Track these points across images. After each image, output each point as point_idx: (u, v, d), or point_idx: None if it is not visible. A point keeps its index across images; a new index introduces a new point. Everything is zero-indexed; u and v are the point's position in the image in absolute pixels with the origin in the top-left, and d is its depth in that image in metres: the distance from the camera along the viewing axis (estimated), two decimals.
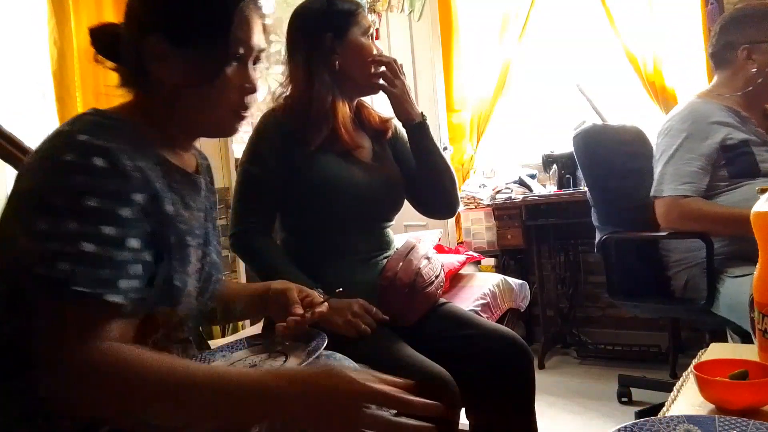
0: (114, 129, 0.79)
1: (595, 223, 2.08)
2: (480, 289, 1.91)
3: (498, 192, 3.20)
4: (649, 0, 2.95)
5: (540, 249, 3.26)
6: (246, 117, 0.92)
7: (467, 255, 2.20)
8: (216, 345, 1.09)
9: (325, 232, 1.38)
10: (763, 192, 0.94)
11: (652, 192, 1.80)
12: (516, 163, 3.49)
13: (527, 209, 3.07)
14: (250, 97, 0.90)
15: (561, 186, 3.10)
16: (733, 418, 0.72)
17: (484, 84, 3.48)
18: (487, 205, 3.20)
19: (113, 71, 0.88)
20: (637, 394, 2.44)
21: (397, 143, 1.52)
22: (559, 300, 3.35)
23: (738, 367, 0.85)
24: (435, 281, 1.39)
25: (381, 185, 1.41)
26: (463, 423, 1.28)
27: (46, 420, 0.77)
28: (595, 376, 2.84)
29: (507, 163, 3.51)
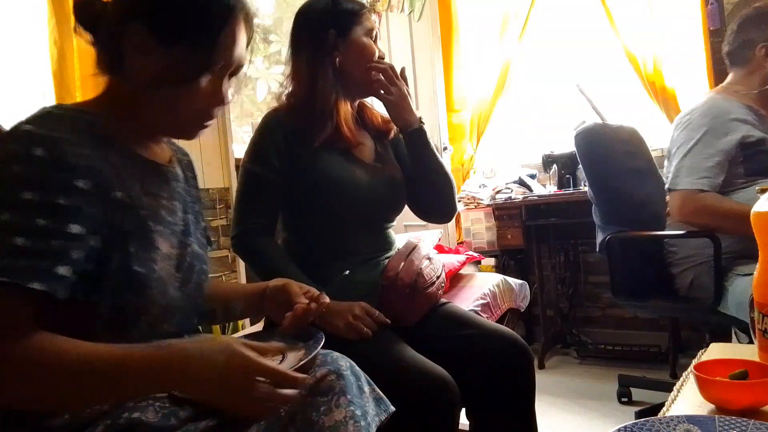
0: (66, 119, 0.80)
1: (597, 223, 2.07)
2: (480, 289, 1.91)
3: (498, 192, 3.21)
4: (649, 0, 2.95)
5: (540, 249, 3.26)
6: (208, 126, 0.92)
7: (467, 255, 2.20)
8: None
9: (327, 231, 1.37)
10: (763, 192, 0.94)
11: (667, 184, 1.79)
12: (516, 163, 3.49)
13: (527, 209, 3.08)
14: (217, 109, 0.90)
15: (561, 186, 3.10)
16: (733, 418, 0.72)
17: (484, 84, 3.48)
18: (487, 205, 3.21)
19: (91, 45, 0.87)
20: (637, 394, 2.44)
21: (399, 144, 1.52)
22: (559, 300, 3.36)
23: (738, 367, 0.85)
24: (436, 282, 1.39)
25: (383, 186, 1.41)
26: (463, 423, 1.28)
27: (36, 420, 0.78)
28: (595, 376, 2.84)
29: (507, 163, 3.51)
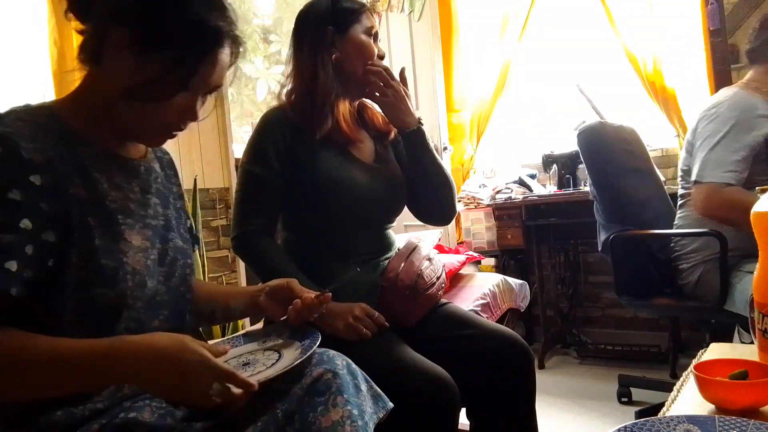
0: (26, 117, 0.80)
1: (600, 221, 2.07)
2: (480, 289, 1.91)
3: (498, 192, 3.21)
4: (649, 0, 2.95)
5: (540, 249, 3.26)
6: (174, 137, 0.92)
7: (467, 255, 2.20)
8: (216, 342, 1.09)
9: (327, 232, 1.37)
10: (764, 192, 0.94)
11: (693, 177, 1.78)
12: (516, 163, 3.49)
13: (527, 209, 3.08)
14: (187, 123, 0.90)
15: (561, 186, 3.10)
16: (733, 418, 0.72)
17: (484, 84, 3.48)
18: (487, 205, 3.21)
19: (79, 33, 0.87)
20: (637, 394, 2.44)
21: (399, 145, 1.51)
22: (559, 300, 3.36)
23: (738, 367, 0.85)
24: (436, 282, 1.39)
25: (382, 187, 1.41)
26: (464, 423, 1.28)
27: (29, 419, 0.78)
28: (595, 376, 2.84)
29: (507, 163, 3.52)
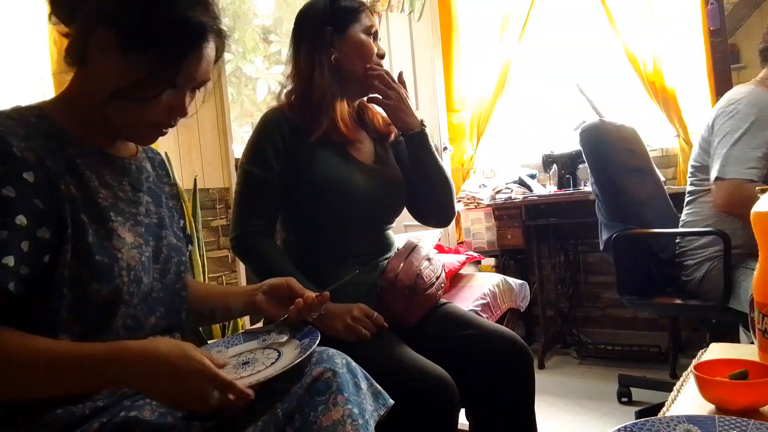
0: (16, 117, 0.81)
1: (602, 220, 2.07)
2: (480, 289, 1.91)
3: (498, 192, 3.21)
4: (649, 0, 2.95)
5: (540, 249, 3.26)
6: (166, 134, 0.92)
7: (467, 255, 2.20)
8: (214, 342, 1.09)
9: (326, 232, 1.37)
10: (764, 192, 0.94)
11: (715, 173, 1.77)
12: (516, 163, 3.49)
13: (527, 209, 3.08)
14: (176, 119, 0.90)
15: (561, 186, 3.10)
16: (733, 418, 0.72)
17: (484, 84, 3.48)
18: (487, 205, 3.21)
19: (64, 37, 0.87)
20: (637, 394, 2.44)
21: (399, 146, 1.51)
22: (559, 300, 3.35)
23: (738, 367, 0.85)
24: (436, 282, 1.39)
25: (382, 188, 1.40)
26: (463, 423, 1.28)
27: (29, 418, 0.78)
28: (595, 376, 2.84)
29: (507, 163, 3.52)
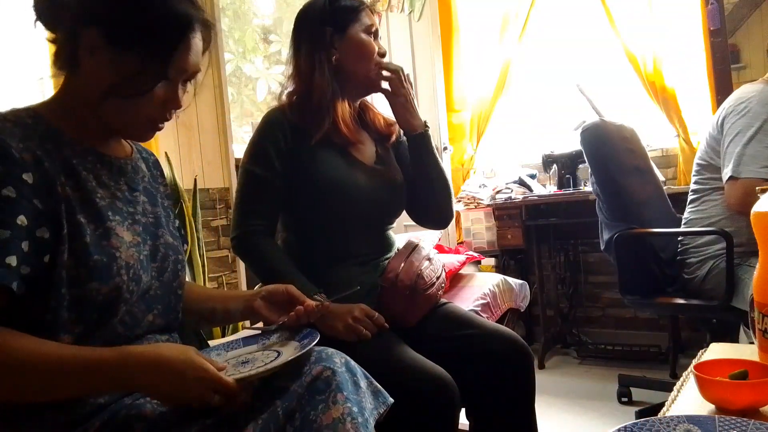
0: (12, 118, 0.82)
1: (603, 220, 2.06)
2: (480, 289, 1.91)
3: (498, 192, 3.21)
4: (649, 0, 2.95)
5: (540, 249, 3.26)
6: (162, 128, 0.93)
7: (467, 255, 2.20)
8: (214, 344, 1.09)
9: (326, 233, 1.37)
10: (764, 192, 0.94)
11: (729, 172, 1.76)
12: (516, 163, 3.49)
13: (527, 209, 3.08)
14: (172, 112, 0.91)
15: (561, 186, 3.10)
16: (733, 418, 0.72)
17: (484, 84, 3.48)
18: (487, 205, 3.21)
19: (51, 42, 0.88)
20: (637, 394, 2.44)
21: (400, 147, 1.51)
22: (559, 300, 3.36)
23: (738, 367, 0.86)
24: (436, 282, 1.39)
25: (382, 188, 1.40)
26: (463, 423, 1.28)
27: (28, 418, 0.78)
28: (595, 376, 2.84)
29: (507, 163, 3.52)
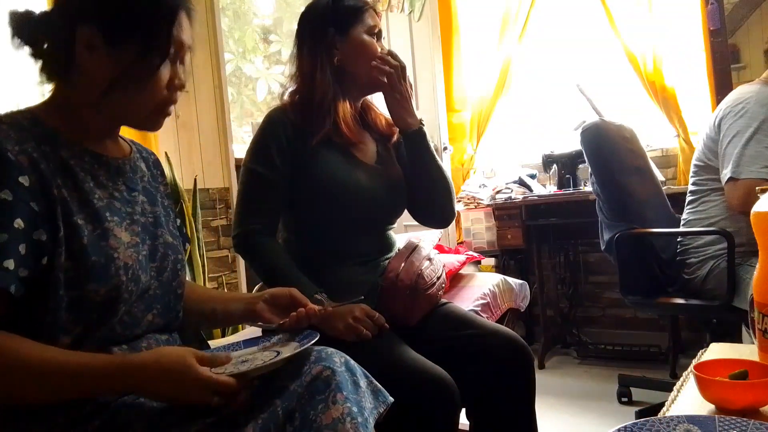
0: (8, 121, 0.82)
1: (603, 220, 2.06)
2: (480, 289, 1.91)
3: (498, 192, 3.21)
4: (649, 0, 2.95)
5: (540, 249, 3.26)
6: (170, 113, 0.94)
7: (467, 255, 2.20)
8: (215, 345, 1.09)
9: (327, 233, 1.37)
10: (763, 192, 0.94)
11: (729, 173, 1.75)
12: (516, 163, 3.49)
13: (527, 209, 3.08)
14: (177, 93, 0.92)
15: (561, 186, 3.10)
16: (733, 418, 0.72)
17: (484, 84, 3.48)
18: (487, 205, 3.21)
19: (31, 57, 0.88)
20: (637, 394, 2.44)
21: (401, 147, 1.51)
22: (559, 300, 3.36)
23: (738, 367, 0.85)
24: (437, 283, 1.39)
25: (383, 188, 1.40)
26: (464, 423, 1.28)
27: (27, 417, 0.78)
28: (595, 376, 2.84)
29: (507, 163, 3.52)
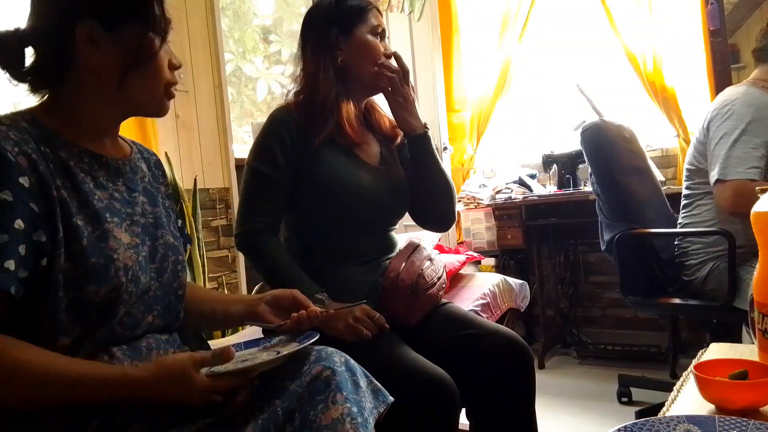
0: (7, 122, 0.82)
1: (604, 220, 2.06)
2: (480, 289, 1.91)
3: (498, 192, 3.21)
4: (649, 0, 2.95)
5: (540, 249, 3.26)
6: (175, 95, 0.95)
7: (467, 255, 2.20)
8: (215, 345, 1.09)
9: (329, 232, 1.37)
10: (764, 192, 0.94)
11: (716, 175, 1.76)
12: (516, 163, 3.50)
13: (527, 209, 3.08)
14: (177, 72, 0.94)
15: (561, 186, 3.10)
16: (733, 418, 0.72)
17: (484, 84, 3.48)
18: (487, 205, 3.21)
19: (15, 78, 0.90)
20: (637, 394, 2.44)
21: (404, 149, 1.51)
22: (559, 300, 3.36)
23: (738, 367, 0.85)
24: (437, 283, 1.39)
25: (386, 189, 1.40)
26: (464, 423, 1.28)
27: (27, 417, 0.78)
28: (595, 376, 2.84)
29: (507, 163, 3.52)
